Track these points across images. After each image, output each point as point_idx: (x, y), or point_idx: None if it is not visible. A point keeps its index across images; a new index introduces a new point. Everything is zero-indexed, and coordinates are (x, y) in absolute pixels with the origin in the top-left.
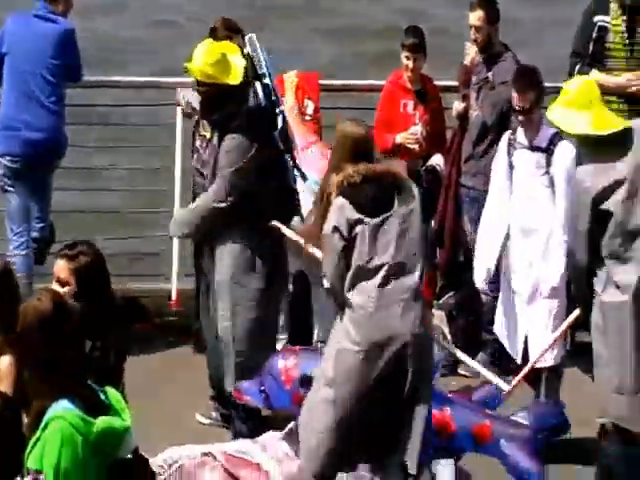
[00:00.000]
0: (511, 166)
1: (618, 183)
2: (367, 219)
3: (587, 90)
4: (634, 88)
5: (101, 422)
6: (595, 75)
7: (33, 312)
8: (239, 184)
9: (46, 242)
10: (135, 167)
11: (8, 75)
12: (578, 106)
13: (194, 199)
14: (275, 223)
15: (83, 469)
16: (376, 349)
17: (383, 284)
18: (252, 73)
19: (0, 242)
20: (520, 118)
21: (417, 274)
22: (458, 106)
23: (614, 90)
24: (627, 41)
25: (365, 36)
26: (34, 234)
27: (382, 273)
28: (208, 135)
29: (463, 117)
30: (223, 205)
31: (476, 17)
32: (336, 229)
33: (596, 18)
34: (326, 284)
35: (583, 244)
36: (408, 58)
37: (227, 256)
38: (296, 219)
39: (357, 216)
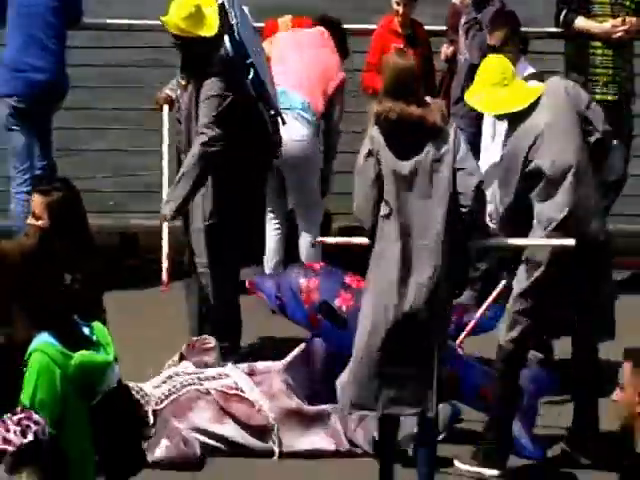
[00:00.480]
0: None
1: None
2: (396, 160)
3: (500, 68)
4: (619, 34)
5: (80, 356)
6: (581, 21)
7: (17, 247)
8: (220, 129)
9: (49, 179)
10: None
11: (11, 19)
12: (494, 85)
13: (177, 153)
14: (320, 239)
15: (62, 401)
16: (390, 286)
17: (398, 223)
18: (225, 25)
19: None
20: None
21: (442, 215)
22: (446, 49)
23: (600, 36)
24: None
25: None
26: (37, 172)
27: (401, 219)
28: (184, 83)
29: (451, 60)
30: (213, 149)
31: None
32: (369, 155)
33: None
34: (354, 209)
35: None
36: (398, 4)
37: (202, 204)
38: None
39: (387, 154)
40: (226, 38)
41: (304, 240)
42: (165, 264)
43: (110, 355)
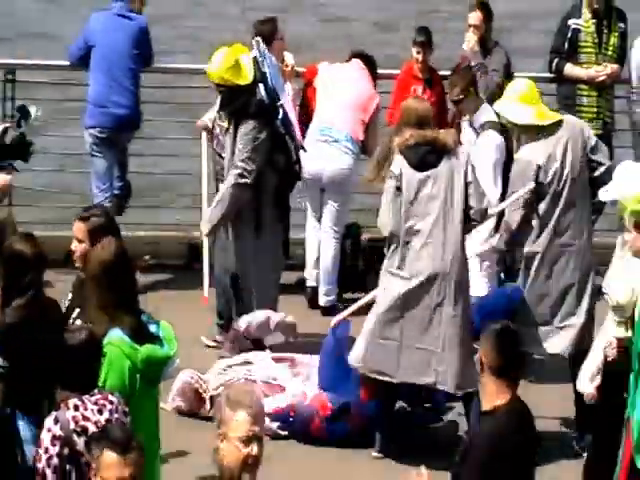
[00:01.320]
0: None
1: (551, 160)
2: (417, 173)
3: (531, 89)
4: (601, 78)
5: (145, 349)
6: (569, 68)
7: (97, 257)
8: (256, 161)
9: (125, 197)
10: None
11: (96, 63)
12: (523, 101)
13: (216, 179)
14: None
15: (130, 388)
16: (412, 278)
17: (421, 231)
18: (258, 74)
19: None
20: (454, 108)
21: (458, 220)
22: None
23: (586, 80)
24: (596, 40)
25: None
26: (115, 191)
27: (421, 222)
28: (226, 125)
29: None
30: (246, 181)
31: (475, 17)
32: (392, 176)
33: (570, 21)
34: (378, 222)
35: (520, 213)
36: (418, 52)
37: (236, 222)
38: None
39: (409, 170)
40: (261, 86)
41: (328, 244)
42: (206, 279)
43: (172, 350)
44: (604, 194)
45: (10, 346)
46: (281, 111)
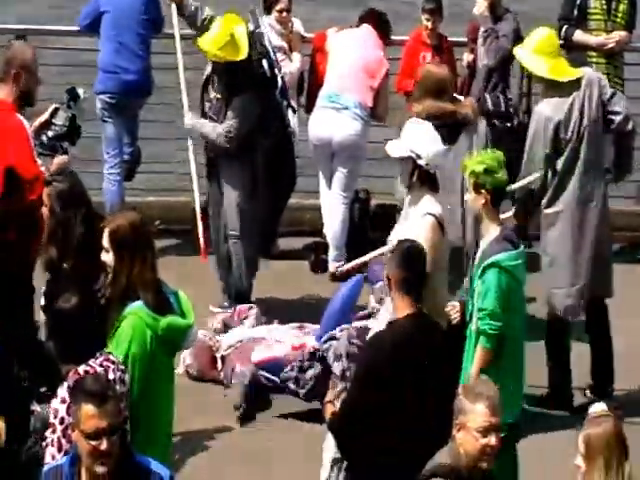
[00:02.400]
0: None
1: (570, 116)
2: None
3: (553, 40)
4: (610, 45)
5: (167, 320)
6: (579, 35)
7: (122, 229)
8: (241, 130)
9: (134, 162)
10: None
11: (106, 29)
12: (539, 53)
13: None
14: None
15: (151, 357)
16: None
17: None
18: (259, 49)
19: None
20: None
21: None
22: (468, 57)
23: (595, 47)
24: (605, 7)
25: None
26: (125, 157)
27: (449, 193)
28: (219, 95)
29: (471, 67)
30: (226, 144)
31: None
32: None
33: None
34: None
35: (538, 167)
36: (427, 20)
37: (230, 189)
38: None
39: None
40: (264, 61)
41: (337, 209)
42: (201, 236)
43: (190, 320)
44: (392, 150)
45: None
46: (280, 81)
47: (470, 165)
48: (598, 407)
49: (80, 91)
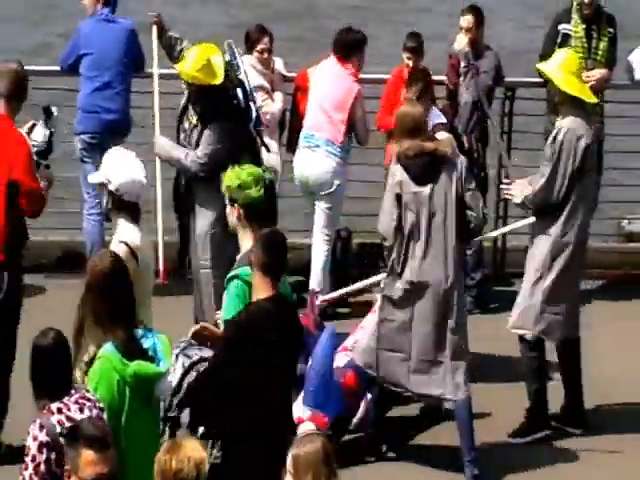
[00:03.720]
0: None
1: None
2: (416, 184)
3: (578, 62)
4: (591, 83)
5: (135, 365)
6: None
7: (93, 271)
8: (214, 160)
9: None
10: None
11: (88, 70)
12: (573, 73)
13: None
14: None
15: (120, 401)
16: (416, 289)
17: (422, 241)
18: (234, 78)
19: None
20: None
21: (454, 231)
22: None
23: None
24: (586, 45)
25: None
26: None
27: (422, 232)
28: (194, 122)
29: (452, 98)
30: (197, 172)
31: (467, 21)
32: (391, 189)
33: (560, 26)
34: (379, 228)
35: (564, 184)
36: (409, 58)
37: (204, 215)
38: None
39: (408, 183)
40: (239, 90)
41: (318, 247)
42: (161, 259)
43: (164, 367)
44: (92, 177)
45: None
46: (254, 114)
47: (227, 179)
48: (307, 427)
49: (54, 109)
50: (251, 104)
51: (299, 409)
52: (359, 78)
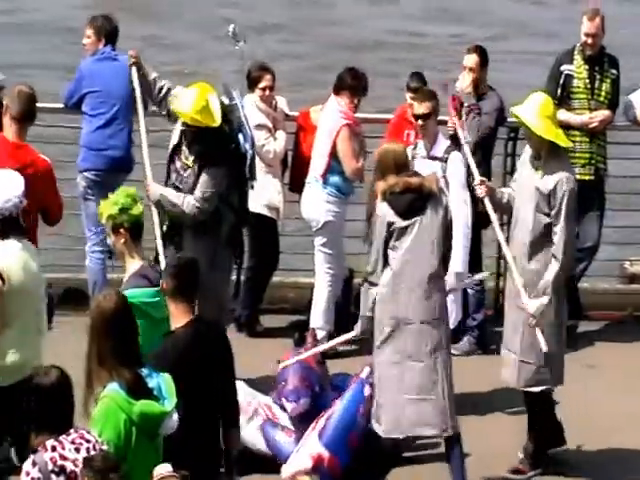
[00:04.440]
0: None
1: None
2: (401, 221)
3: (552, 106)
4: (594, 124)
5: (141, 405)
6: (562, 114)
7: (98, 310)
8: (210, 204)
9: None
10: None
11: (93, 107)
12: (549, 118)
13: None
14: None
15: (126, 440)
16: (394, 325)
17: (399, 274)
18: (235, 121)
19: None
20: (420, 122)
21: (440, 265)
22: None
23: (579, 126)
24: (589, 86)
25: None
26: None
27: (401, 265)
28: (190, 163)
29: (453, 137)
30: (197, 214)
31: (471, 60)
32: (380, 231)
33: (563, 67)
34: (368, 268)
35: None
36: (413, 99)
37: (195, 254)
38: None
39: (394, 218)
40: (240, 136)
41: (319, 285)
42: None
43: (171, 405)
44: None
45: None
46: (249, 156)
47: (105, 210)
48: (163, 468)
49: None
50: (248, 147)
51: (316, 445)
52: (353, 117)
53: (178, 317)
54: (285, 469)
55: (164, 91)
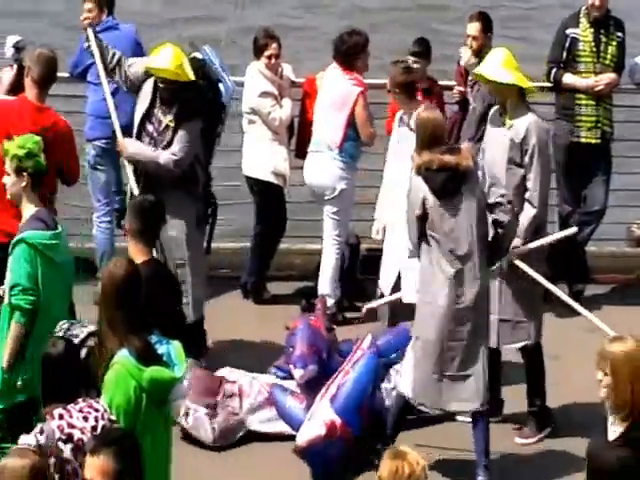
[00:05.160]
0: (398, 140)
1: None
2: (436, 200)
3: (512, 59)
4: (599, 88)
5: (150, 371)
6: (568, 78)
7: (109, 277)
8: (187, 158)
9: (123, 211)
10: None
11: (97, 77)
12: (509, 67)
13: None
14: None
15: (136, 407)
16: (455, 307)
17: (436, 255)
18: (209, 74)
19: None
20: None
21: (472, 246)
22: (455, 96)
23: (584, 89)
24: (594, 49)
25: None
26: (115, 205)
27: (442, 244)
28: (166, 121)
29: (461, 104)
30: (174, 170)
31: (474, 28)
32: (412, 204)
33: (568, 30)
34: (408, 245)
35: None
36: (415, 62)
37: (178, 214)
38: None
39: (429, 196)
40: (221, 86)
41: (326, 252)
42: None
43: (178, 372)
44: None
45: None
46: (227, 109)
47: (11, 149)
48: (25, 440)
49: None
50: (228, 99)
51: (327, 410)
52: (362, 82)
53: (136, 256)
54: (300, 437)
55: (116, 58)
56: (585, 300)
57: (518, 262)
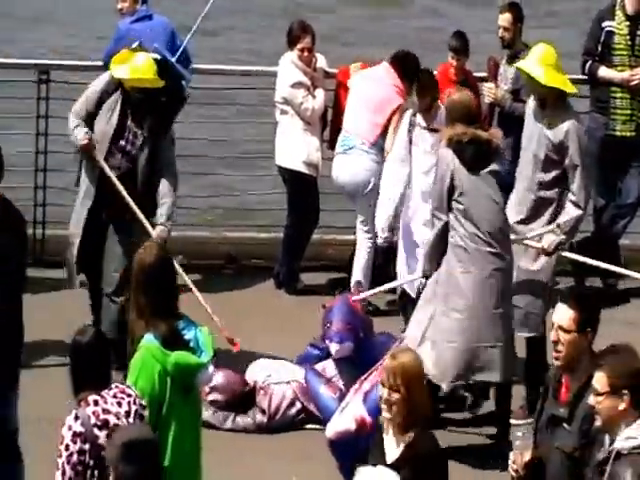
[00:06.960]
0: (411, 142)
1: None
2: (465, 172)
3: (555, 54)
4: (635, 81)
5: (175, 355)
6: (603, 71)
7: (138, 264)
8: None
9: None
10: None
11: None
12: (551, 66)
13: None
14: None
15: (161, 391)
16: (483, 279)
17: (466, 228)
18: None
19: None
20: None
21: (502, 219)
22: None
23: (619, 83)
24: (630, 42)
25: None
26: None
27: (472, 218)
28: (145, 133)
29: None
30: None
31: (505, 19)
32: (442, 175)
33: (604, 24)
34: (432, 212)
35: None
36: (453, 57)
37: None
38: None
39: (459, 167)
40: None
41: (360, 244)
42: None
43: (205, 358)
44: None
45: None
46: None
47: None
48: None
49: None
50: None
51: (359, 406)
52: (404, 94)
53: None
54: (330, 428)
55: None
56: (617, 293)
57: (566, 253)
